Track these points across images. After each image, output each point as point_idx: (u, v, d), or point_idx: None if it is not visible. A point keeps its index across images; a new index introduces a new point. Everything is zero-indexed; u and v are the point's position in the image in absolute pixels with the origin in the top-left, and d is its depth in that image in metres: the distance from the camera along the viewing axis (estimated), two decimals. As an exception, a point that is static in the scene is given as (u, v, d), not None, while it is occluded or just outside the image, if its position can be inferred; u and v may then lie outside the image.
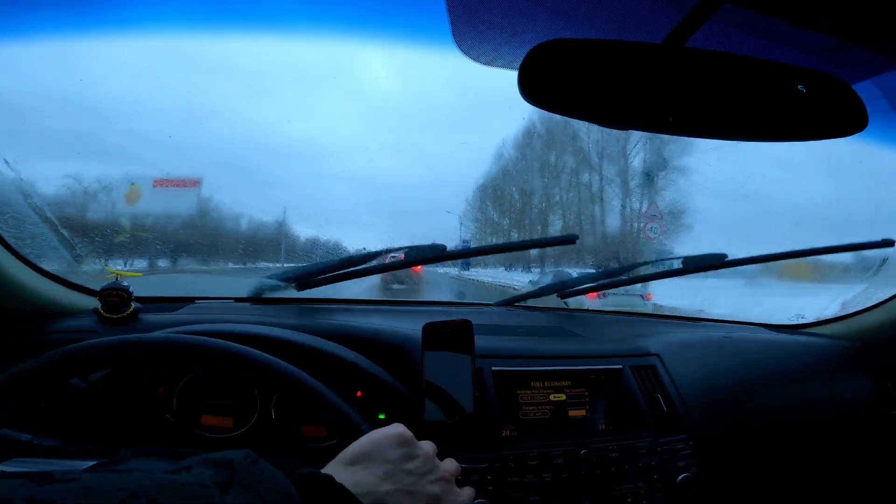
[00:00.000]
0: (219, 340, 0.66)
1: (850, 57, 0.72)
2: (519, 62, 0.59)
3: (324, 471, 0.42)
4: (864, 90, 0.67)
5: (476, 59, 0.71)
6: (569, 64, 0.58)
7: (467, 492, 0.52)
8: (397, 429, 0.50)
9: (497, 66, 0.72)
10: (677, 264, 1.23)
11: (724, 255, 1.17)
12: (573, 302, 1.35)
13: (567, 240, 1.13)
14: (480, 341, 0.79)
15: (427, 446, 0.51)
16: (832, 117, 0.63)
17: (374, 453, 0.47)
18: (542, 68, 0.58)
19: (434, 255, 1.08)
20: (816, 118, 0.62)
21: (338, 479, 0.39)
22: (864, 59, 0.73)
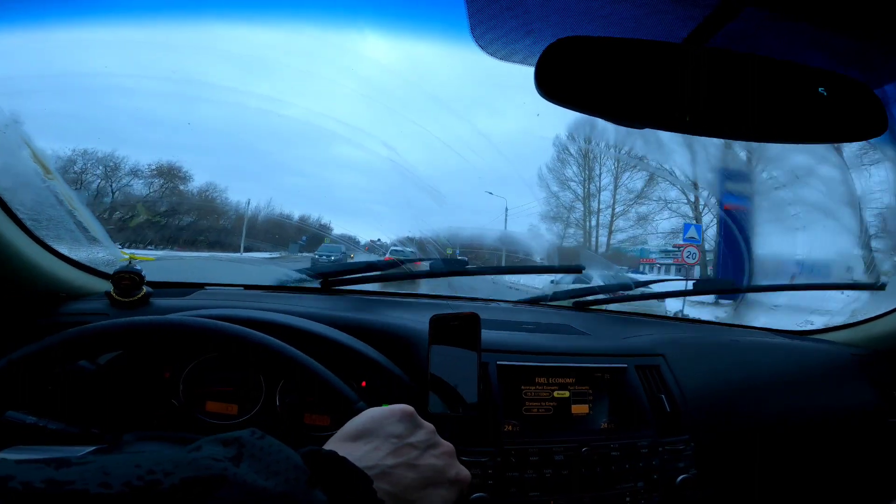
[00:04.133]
0: (208, 320, 0.67)
1: (871, 61, 0.71)
2: (536, 58, 0.58)
3: (325, 447, 0.43)
4: (885, 94, 0.66)
5: (493, 54, 0.71)
6: (586, 61, 0.58)
7: (466, 470, 0.53)
8: (399, 405, 0.50)
9: (513, 61, 0.72)
10: (689, 285, 1.34)
11: (732, 282, 1.32)
12: (637, 306, 1.40)
13: (574, 269, 1.29)
14: (487, 335, 0.79)
15: (428, 424, 0.51)
16: (852, 120, 0.62)
17: (376, 429, 0.47)
18: (559, 65, 0.58)
19: (456, 269, 1.26)
20: (836, 121, 0.61)
21: (340, 454, 0.40)
22: (885, 63, 0.72)
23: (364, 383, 0.83)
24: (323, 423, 0.84)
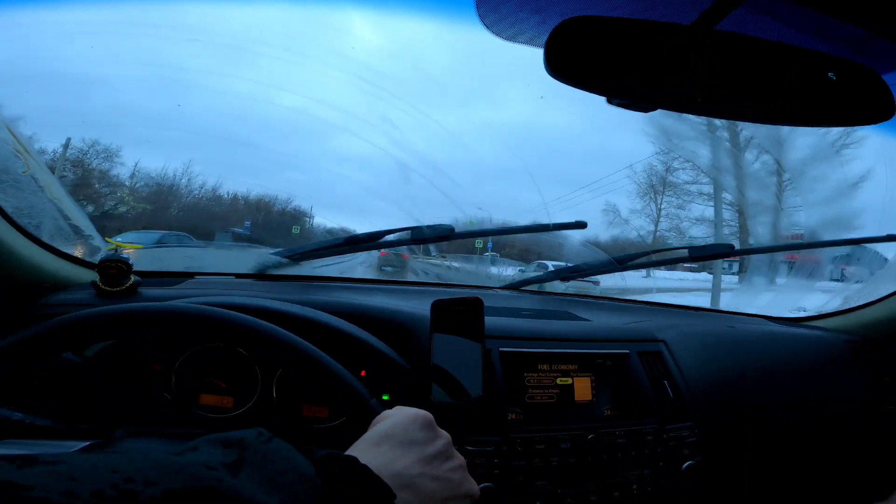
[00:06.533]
0: (219, 309, 0.64)
1: (878, 48, 0.71)
2: (543, 39, 0.57)
3: (349, 452, 0.41)
4: (891, 80, 0.66)
5: (498, 34, 0.69)
6: (595, 41, 0.57)
7: (476, 485, 0.51)
8: (420, 411, 0.48)
9: (519, 42, 0.70)
10: (683, 253, 1.24)
11: (732, 246, 1.18)
12: (572, 288, 1.38)
13: (578, 225, 1.17)
14: (488, 322, 0.78)
15: (445, 434, 0.49)
16: (859, 105, 0.62)
17: (399, 434, 0.45)
18: (568, 45, 0.56)
19: (441, 234, 1.08)
20: (843, 105, 0.61)
21: (362, 461, 0.37)
22: (892, 51, 0.72)
23: (364, 372, 0.81)
24: (321, 414, 0.82)
